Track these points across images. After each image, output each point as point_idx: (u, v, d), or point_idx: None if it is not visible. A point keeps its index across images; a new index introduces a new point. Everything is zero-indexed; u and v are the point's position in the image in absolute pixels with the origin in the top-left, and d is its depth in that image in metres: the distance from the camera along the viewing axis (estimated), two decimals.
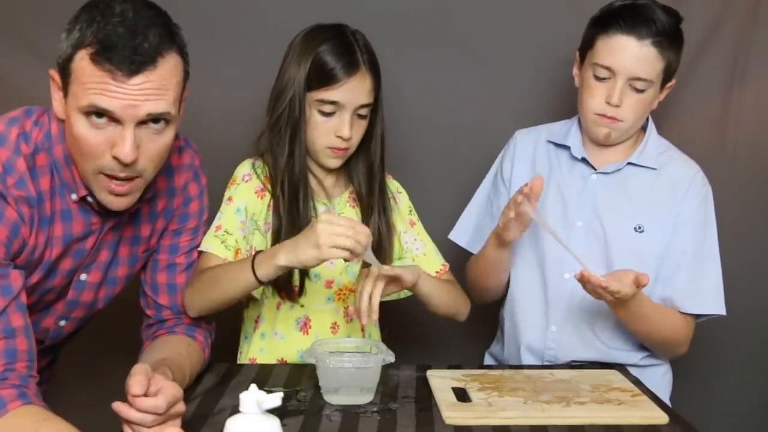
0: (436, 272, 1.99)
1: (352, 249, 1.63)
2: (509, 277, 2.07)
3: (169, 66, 1.48)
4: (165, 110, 1.48)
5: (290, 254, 1.66)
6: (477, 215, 2.13)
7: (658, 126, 2.06)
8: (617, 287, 1.75)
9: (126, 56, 1.43)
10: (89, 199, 1.58)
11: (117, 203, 1.55)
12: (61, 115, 1.53)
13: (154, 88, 1.46)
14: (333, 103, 1.88)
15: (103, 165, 1.49)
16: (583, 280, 1.77)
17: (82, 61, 1.45)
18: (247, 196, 1.92)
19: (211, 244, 1.85)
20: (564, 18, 2.02)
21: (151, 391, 1.38)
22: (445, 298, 1.93)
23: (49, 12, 2.32)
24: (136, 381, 1.36)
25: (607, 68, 1.89)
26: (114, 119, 1.46)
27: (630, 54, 1.86)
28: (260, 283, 1.71)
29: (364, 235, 1.64)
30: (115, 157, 1.48)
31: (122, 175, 1.50)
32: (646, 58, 1.86)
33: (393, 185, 2.06)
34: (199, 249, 1.83)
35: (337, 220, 1.65)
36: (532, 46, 2.37)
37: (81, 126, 1.47)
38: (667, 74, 1.91)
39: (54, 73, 1.52)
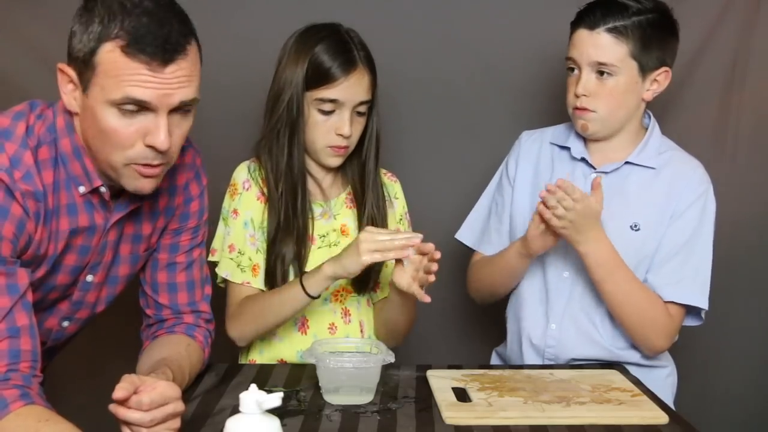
0: None
1: (392, 256, 1.77)
2: None
3: (193, 53, 1.51)
4: (194, 96, 1.52)
5: (336, 264, 1.80)
6: (484, 216, 2.15)
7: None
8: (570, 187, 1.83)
9: (159, 46, 1.45)
10: (102, 189, 1.58)
11: (148, 186, 1.56)
12: (74, 109, 1.53)
13: (185, 75, 1.49)
14: (333, 101, 1.88)
15: (136, 155, 1.50)
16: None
17: (111, 53, 1.46)
18: (251, 207, 1.94)
19: (228, 270, 1.93)
20: (565, 18, 2.02)
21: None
22: (412, 316, 1.97)
23: (48, 10, 2.32)
24: (119, 386, 1.37)
25: (571, 59, 1.96)
26: (146, 108, 1.48)
27: (585, 43, 1.93)
28: (312, 298, 1.84)
29: (402, 239, 1.75)
30: (150, 146, 1.50)
31: (155, 162, 1.52)
32: (600, 44, 1.91)
33: (392, 189, 2.06)
34: (217, 271, 1.90)
35: (377, 230, 1.79)
36: (533, 45, 2.37)
37: (111, 118, 1.48)
38: (641, 62, 1.92)
39: (66, 67, 1.51)
